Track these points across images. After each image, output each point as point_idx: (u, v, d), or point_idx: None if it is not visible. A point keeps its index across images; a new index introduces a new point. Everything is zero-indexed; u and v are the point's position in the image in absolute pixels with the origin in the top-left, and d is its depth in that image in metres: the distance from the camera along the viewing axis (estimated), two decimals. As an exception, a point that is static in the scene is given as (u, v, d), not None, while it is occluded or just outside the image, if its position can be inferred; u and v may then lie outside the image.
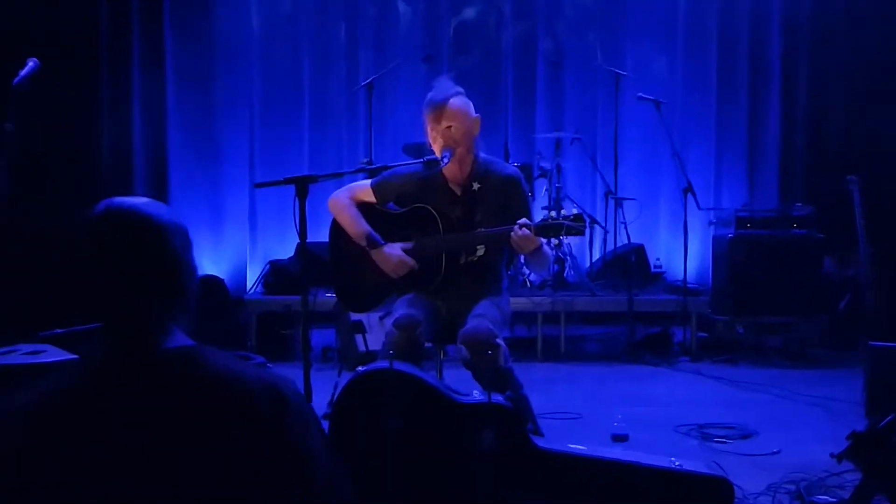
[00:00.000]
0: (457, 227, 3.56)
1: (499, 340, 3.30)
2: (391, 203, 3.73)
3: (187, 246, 1.52)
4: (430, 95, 3.54)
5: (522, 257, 3.65)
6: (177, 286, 1.49)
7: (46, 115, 5.69)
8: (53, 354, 3.24)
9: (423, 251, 3.56)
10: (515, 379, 3.45)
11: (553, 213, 3.44)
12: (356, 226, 3.62)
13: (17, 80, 3.49)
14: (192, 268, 1.53)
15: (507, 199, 3.56)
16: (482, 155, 3.64)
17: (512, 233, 3.28)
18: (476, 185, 3.59)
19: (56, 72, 4.04)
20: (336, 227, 3.73)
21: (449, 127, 3.48)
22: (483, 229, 3.50)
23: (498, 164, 3.68)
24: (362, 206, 3.68)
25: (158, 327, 1.46)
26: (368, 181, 3.74)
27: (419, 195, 3.61)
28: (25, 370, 2.99)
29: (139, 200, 1.50)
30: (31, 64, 3.57)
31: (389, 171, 3.66)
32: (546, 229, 3.30)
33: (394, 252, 3.54)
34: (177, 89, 6.89)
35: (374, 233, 3.58)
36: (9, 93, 3.48)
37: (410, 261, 3.53)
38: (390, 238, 3.60)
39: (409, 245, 3.58)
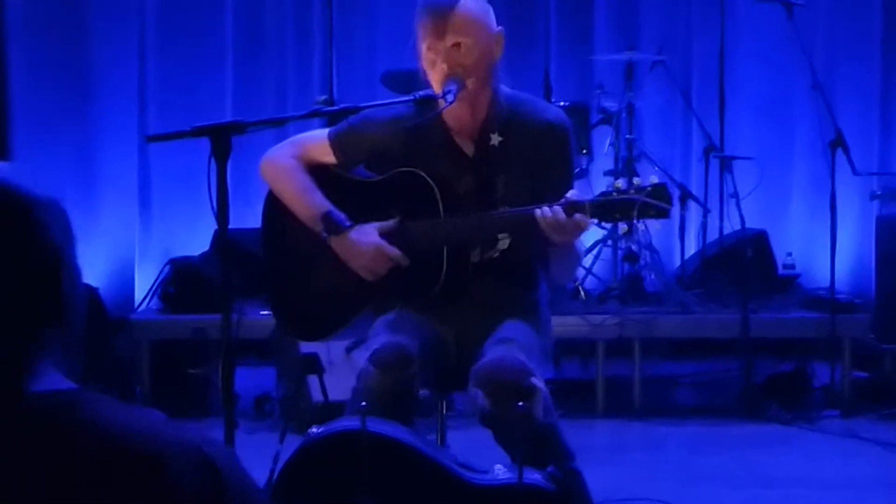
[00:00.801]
0: (466, 204, 3.55)
1: (536, 380, 3.30)
2: (361, 167, 3.73)
3: (69, 239, 1.52)
4: None
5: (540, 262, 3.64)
6: (53, 300, 1.48)
7: None
8: None
9: (413, 241, 3.55)
10: (563, 444, 3.46)
11: (620, 184, 3.43)
12: (307, 200, 3.62)
13: None
14: (76, 273, 1.53)
15: (545, 160, 3.57)
16: (506, 91, 3.66)
17: (540, 210, 3.30)
18: (496, 139, 3.59)
19: None
20: (274, 204, 3.73)
21: (457, 45, 3.49)
22: (507, 209, 3.50)
23: (531, 105, 3.70)
24: (316, 171, 3.68)
25: (23, 362, 1.45)
26: (325, 131, 3.75)
27: (407, 154, 3.60)
28: None
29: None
30: None
31: (359, 115, 3.66)
32: (608, 209, 3.31)
33: (367, 239, 3.53)
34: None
35: (335, 210, 3.57)
36: None
37: (393, 251, 3.52)
38: (362, 221, 3.59)
39: (390, 224, 3.57)
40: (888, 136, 7.29)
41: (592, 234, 6.56)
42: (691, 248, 6.80)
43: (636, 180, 3.40)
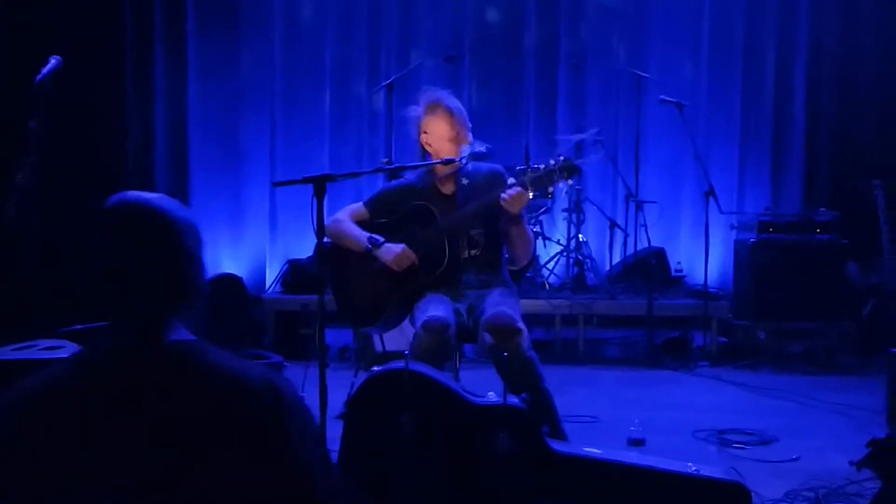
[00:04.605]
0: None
1: (520, 325, 3.33)
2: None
3: (198, 243, 1.52)
4: (446, 103, 3.68)
5: (507, 246, 3.70)
6: (184, 282, 1.49)
7: (70, 113, 5.75)
8: (71, 350, 3.26)
9: (423, 240, 3.61)
10: (538, 370, 3.45)
11: (541, 165, 3.45)
12: (356, 235, 3.69)
13: (39, 77, 3.52)
14: (201, 265, 1.53)
15: (495, 191, 3.60)
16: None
17: (503, 193, 3.33)
18: (464, 181, 3.71)
19: (79, 69, 4.08)
20: (335, 252, 3.77)
21: (467, 126, 3.61)
22: (475, 202, 3.57)
23: (482, 164, 3.88)
24: (360, 225, 3.76)
25: (163, 322, 1.47)
26: (361, 202, 3.85)
27: (411, 201, 3.72)
28: (42, 365, 3.02)
29: (151, 195, 1.51)
30: (53, 61, 3.59)
31: (380, 189, 3.87)
32: (539, 180, 3.34)
33: (396, 246, 3.60)
34: (199, 88, 6.93)
35: (373, 234, 3.63)
36: (32, 90, 3.51)
37: (413, 254, 3.57)
38: (394, 237, 3.66)
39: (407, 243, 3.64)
40: (743, 189, 7.24)
41: (553, 247, 6.55)
42: (616, 258, 6.77)
43: (551, 160, 3.41)
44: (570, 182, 3.51)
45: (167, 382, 1.41)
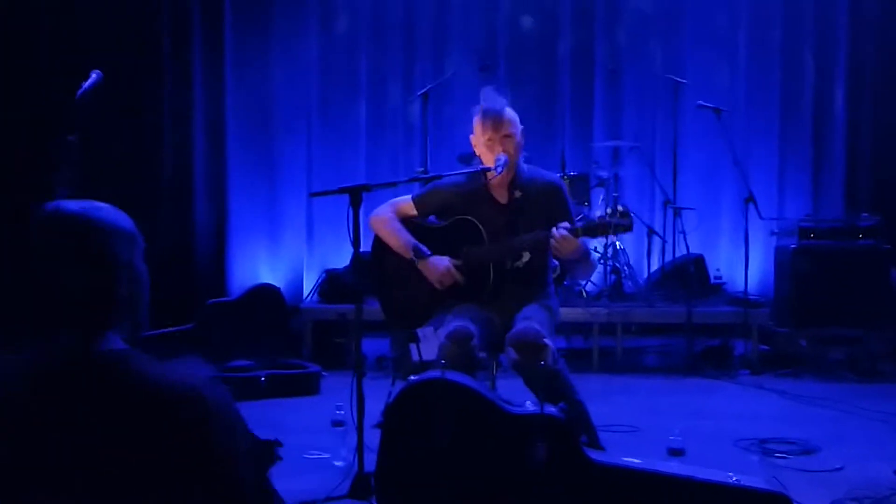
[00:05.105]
0: (501, 236, 3.57)
1: (546, 340, 3.30)
2: (432, 217, 3.75)
3: (131, 250, 1.51)
4: (484, 105, 3.59)
5: (562, 263, 3.65)
6: (114, 292, 1.48)
7: (108, 124, 5.83)
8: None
9: (469, 263, 3.56)
10: (567, 381, 3.42)
11: (600, 211, 3.41)
12: (400, 238, 3.63)
13: (80, 91, 3.58)
14: (135, 274, 1.51)
15: (550, 206, 3.56)
16: (523, 164, 3.68)
17: (551, 238, 3.29)
18: (518, 193, 3.60)
19: (117, 81, 4.14)
20: (379, 245, 3.73)
21: (509, 135, 3.53)
22: (522, 236, 3.51)
23: (539, 172, 3.74)
24: (404, 222, 3.70)
25: (92, 332, 1.47)
26: (409, 195, 3.78)
27: (462, 206, 3.63)
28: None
29: (85, 204, 1.50)
30: (94, 76, 3.65)
31: (431, 183, 3.72)
32: (592, 229, 3.30)
33: (441, 262, 3.55)
34: (236, 99, 6.99)
35: (420, 244, 3.59)
36: (72, 104, 3.57)
37: (458, 273, 3.54)
38: (435, 252, 3.60)
39: (457, 262, 3.58)
40: (783, 195, 7.16)
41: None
42: (655, 265, 6.71)
43: (608, 210, 3.37)
44: (625, 232, 3.44)
45: (92, 394, 1.40)
